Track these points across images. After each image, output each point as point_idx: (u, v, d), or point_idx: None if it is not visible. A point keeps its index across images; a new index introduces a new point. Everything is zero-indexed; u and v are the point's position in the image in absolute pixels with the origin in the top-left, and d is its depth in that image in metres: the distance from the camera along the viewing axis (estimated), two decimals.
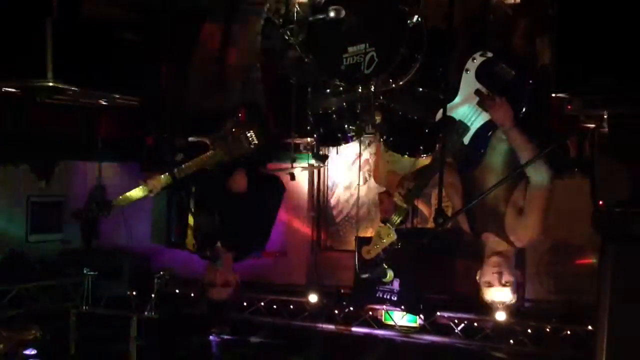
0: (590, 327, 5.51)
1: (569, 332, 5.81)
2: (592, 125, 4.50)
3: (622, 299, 4.41)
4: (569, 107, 4.05)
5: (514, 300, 4.10)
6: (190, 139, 4.43)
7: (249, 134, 4.40)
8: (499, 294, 3.99)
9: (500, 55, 3.94)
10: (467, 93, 3.97)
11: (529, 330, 5.94)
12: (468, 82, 3.97)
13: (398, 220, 4.07)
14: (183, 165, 4.27)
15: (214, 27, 5.35)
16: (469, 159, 4.11)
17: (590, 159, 5.26)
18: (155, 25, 5.16)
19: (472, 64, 3.96)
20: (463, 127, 3.96)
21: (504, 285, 3.97)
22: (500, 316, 5.63)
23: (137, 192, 4.33)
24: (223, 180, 4.43)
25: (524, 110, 3.96)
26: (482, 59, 3.95)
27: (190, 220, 4.58)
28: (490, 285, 4.01)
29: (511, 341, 5.99)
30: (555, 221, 4.01)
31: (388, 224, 4.04)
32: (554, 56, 4.04)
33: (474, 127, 3.96)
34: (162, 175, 4.25)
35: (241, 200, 4.44)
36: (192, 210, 4.58)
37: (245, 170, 4.39)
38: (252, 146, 4.38)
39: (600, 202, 5.01)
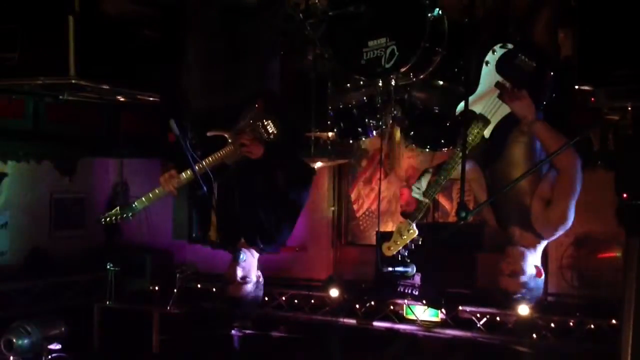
0: (614, 321, 5.46)
1: (592, 326, 5.77)
2: (616, 118, 4.45)
3: None
4: (592, 99, 4.01)
5: (521, 293, 4.01)
6: (208, 133, 4.37)
7: (267, 124, 4.34)
8: (504, 283, 3.95)
9: (521, 47, 3.89)
10: (488, 86, 3.93)
11: (552, 325, 5.91)
12: (488, 75, 3.93)
13: (419, 216, 4.04)
14: (203, 162, 4.23)
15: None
16: (490, 152, 4.07)
17: (613, 152, 5.22)
18: (176, 22, 5.18)
19: (493, 56, 3.92)
20: (483, 120, 3.92)
21: (509, 276, 3.93)
22: (523, 310, 5.60)
23: (157, 192, 4.31)
24: (243, 173, 4.38)
25: (544, 102, 3.92)
26: (503, 50, 3.90)
27: (213, 218, 4.53)
28: (500, 273, 3.99)
29: (534, 335, 5.95)
30: (578, 215, 3.96)
31: (408, 220, 4.02)
32: (577, 48, 4.00)
33: (494, 120, 3.93)
34: (183, 174, 4.23)
35: (264, 190, 4.40)
36: (215, 206, 4.52)
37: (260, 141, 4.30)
38: (272, 136, 4.33)
39: (624, 195, 4.97)
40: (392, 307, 6.68)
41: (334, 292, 6.83)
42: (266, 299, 7.10)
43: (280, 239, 4.49)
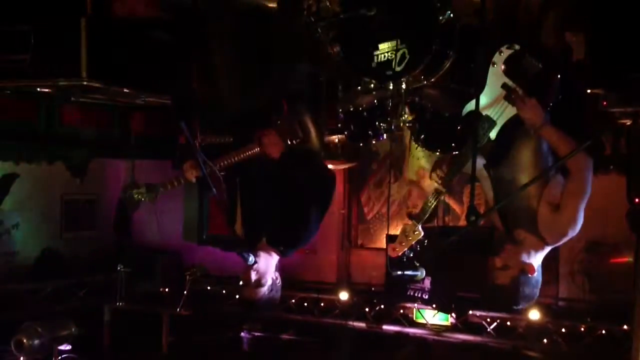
0: (625, 327, 5.43)
1: (603, 332, 5.74)
2: (628, 122, 4.43)
3: None
4: (604, 103, 3.99)
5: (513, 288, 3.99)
6: (234, 135, 4.40)
7: (294, 126, 4.36)
8: (494, 276, 3.94)
9: (528, 48, 3.88)
10: (494, 87, 3.92)
11: (563, 330, 5.88)
12: (495, 76, 3.91)
13: (425, 217, 4.02)
14: (221, 162, 4.25)
15: None
16: (495, 153, 4.06)
17: (625, 156, 5.19)
18: (188, 24, 5.20)
19: (499, 57, 3.90)
20: (489, 122, 3.91)
21: (500, 269, 3.92)
22: (534, 315, 5.58)
23: (181, 180, 4.34)
24: (266, 174, 4.39)
25: (550, 104, 3.90)
26: (509, 52, 3.88)
27: (238, 213, 4.53)
28: (493, 268, 3.98)
29: (545, 340, 5.93)
30: (590, 219, 3.94)
31: (414, 221, 4.00)
32: (589, 51, 3.98)
33: (500, 121, 3.91)
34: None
35: (290, 192, 4.40)
36: (238, 204, 4.54)
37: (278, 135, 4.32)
38: (298, 140, 4.34)
39: (636, 200, 4.94)
40: (401, 311, 6.67)
41: (344, 295, 6.83)
42: None
43: (302, 241, 4.49)
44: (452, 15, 4.14)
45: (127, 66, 5.43)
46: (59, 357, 6.11)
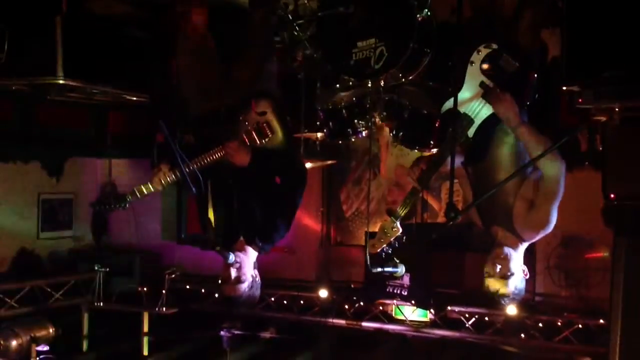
0: (601, 321, 5.50)
1: (580, 326, 5.80)
2: (603, 118, 4.47)
3: (635, 292, 4.40)
4: (580, 100, 4.03)
5: (512, 294, 4.01)
6: (203, 134, 4.39)
7: (263, 125, 4.35)
8: (496, 285, 3.96)
9: (505, 47, 3.91)
10: (472, 85, 3.95)
11: (540, 325, 5.93)
12: (473, 75, 3.94)
13: (403, 213, 4.05)
14: (195, 163, 4.25)
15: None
16: (475, 151, 4.09)
17: (601, 152, 5.24)
18: (165, 22, 5.17)
19: (477, 56, 3.93)
20: (467, 120, 3.94)
21: (501, 277, 3.94)
22: (511, 310, 5.63)
23: (150, 187, 4.33)
24: (240, 172, 4.39)
25: (527, 103, 3.94)
26: (487, 51, 3.92)
27: (210, 213, 4.53)
28: (489, 275, 3.99)
29: (522, 335, 5.98)
30: (566, 215, 3.98)
31: (392, 218, 4.03)
32: (564, 49, 4.02)
33: (478, 119, 3.94)
34: (172, 172, 4.25)
35: (261, 188, 4.41)
36: (210, 205, 4.54)
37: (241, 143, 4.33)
38: (267, 139, 4.34)
39: (612, 195, 4.99)
40: (381, 308, 6.69)
41: (323, 293, 6.84)
42: None
43: (277, 237, 4.50)
44: (429, 13, 4.17)
45: (104, 64, 5.39)
46: (37, 358, 6.07)
